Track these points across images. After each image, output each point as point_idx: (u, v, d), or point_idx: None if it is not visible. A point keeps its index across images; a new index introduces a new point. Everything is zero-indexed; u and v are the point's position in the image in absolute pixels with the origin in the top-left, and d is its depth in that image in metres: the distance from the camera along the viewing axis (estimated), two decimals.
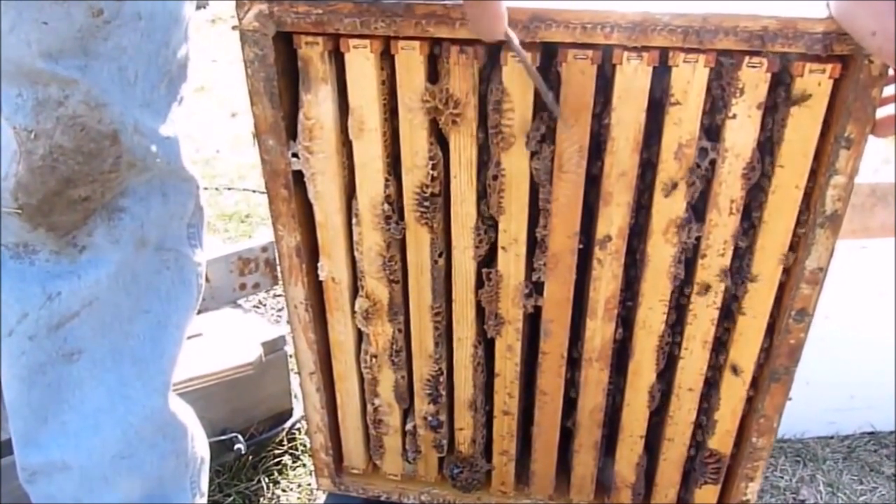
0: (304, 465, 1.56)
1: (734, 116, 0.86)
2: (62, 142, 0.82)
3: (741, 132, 0.87)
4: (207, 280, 1.54)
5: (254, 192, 2.70)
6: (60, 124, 0.82)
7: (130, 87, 0.86)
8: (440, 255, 1.02)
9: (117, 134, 0.85)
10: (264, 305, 2.11)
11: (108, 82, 0.83)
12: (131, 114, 0.86)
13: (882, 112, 0.85)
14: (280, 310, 2.08)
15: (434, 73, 0.91)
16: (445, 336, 1.10)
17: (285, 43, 0.91)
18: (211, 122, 3.39)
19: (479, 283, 1.03)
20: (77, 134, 0.83)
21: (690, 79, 0.85)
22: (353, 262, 1.05)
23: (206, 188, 2.78)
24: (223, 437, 1.47)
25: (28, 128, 0.82)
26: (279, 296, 2.11)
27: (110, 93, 0.83)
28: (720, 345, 1.05)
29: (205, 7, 5.52)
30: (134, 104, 0.86)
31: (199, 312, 1.51)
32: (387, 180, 0.98)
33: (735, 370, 1.04)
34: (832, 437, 1.68)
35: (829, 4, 0.80)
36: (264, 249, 1.66)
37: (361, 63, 0.90)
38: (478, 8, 0.72)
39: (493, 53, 0.89)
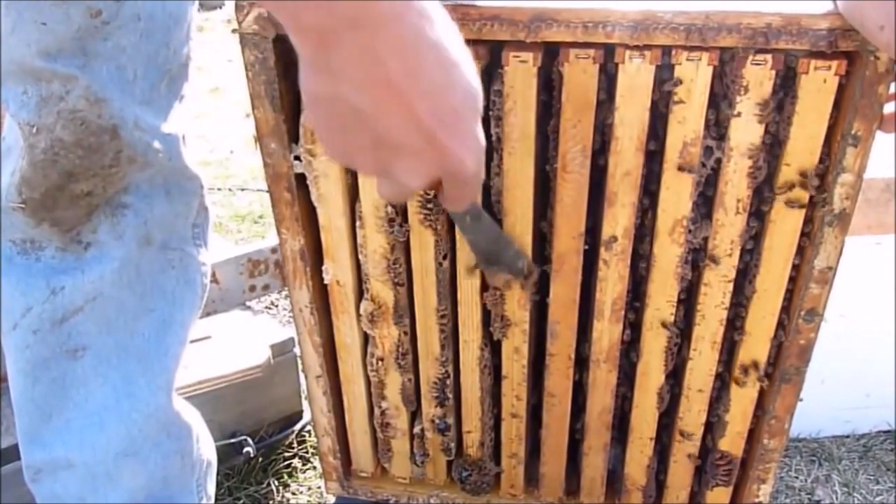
0: (315, 468, 1.56)
1: (739, 115, 0.85)
2: (63, 136, 0.84)
3: (746, 130, 0.86)
4: (217, 282, 1.55)
5: (267, 192, 2.70)
6: (61, 118, 0.83)
7: (130, 86, 0.87)
8: (444, 258, 1.02)
9: (117, 129, 0.86)
10: (276, 307, 2.11)
11: (107, 80, 0.84)
12: (131, 110, 0.86)
13: (889, 108, 0.83)
14: (290, 311, 2.08)
15: None
16: (452, 338, 1.09)
17: (286, 45, 0.90)
18: (225, 123, 3.40)
19: (485, 285, 1.03)
20: (77, 128, 0.84)
21: (694, 77, 0.84)
22: (358, 265, 1.05)
23: (219, 189, 2.78)
24: (233, 440, 1.47)
25: (31, 122, 0.84)
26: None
27: (109, 90, 0.84)
28: (729, 345, 1.04)
29: (220, 7, 5.53)
30: (133, 102, 0.87)
31: (209, 315, 1.51)
32: None
33: (745, 371, 1.03)
34: (848, 437, 1.66)
35: (836, 0, 0.78)
36: (274, 251, 1.66)
37: None
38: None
39: (494, 53, 0.88)
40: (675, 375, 1.07)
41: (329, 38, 0.56)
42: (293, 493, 1.51)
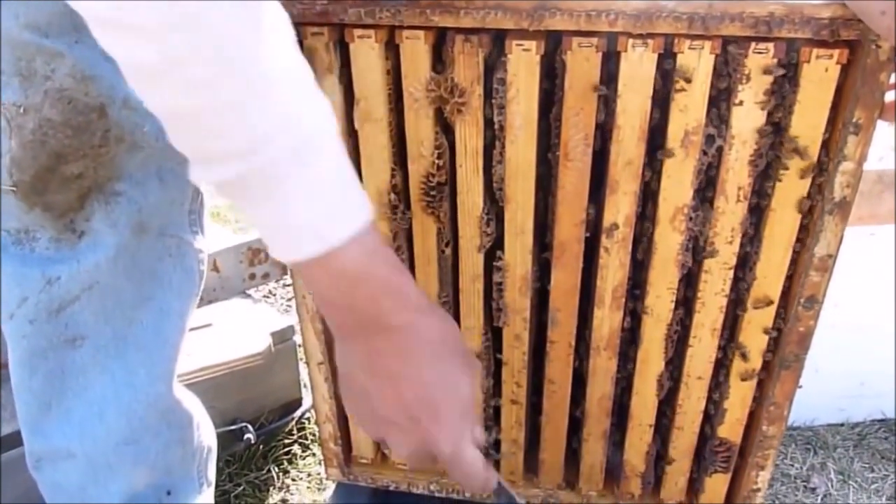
0: (314, 455, 1.57)
1: (741, 103, 0.86)
2: (50, 115, 0.83)
3: (748, 119, 0.87)
4: (217, 270, 1.55)
5: None
6: (48, 97, 0.83)
7: None
8: (447, 245, 1.02)
9: (104, 107, 0.86)
10: (274, 295, 2.12)
11: (99, 57, 0.83)
12: (121, 88, 0.86)
13: (890, 97, 0.84)
14: (290, 299, 2.08)
15: (439, 62, 0.91)
16: None
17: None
18: None
19: (487, 274, 1.03)
20: (65, 107, 0.83)
21: (696, 65, 0.84)
22: None
23: None
24: (233, 427, 1.47)
25: (17, 103, 0.83)
26: (289, 285, 2.11)
27: (100, 67, 0.84)
28: (729, 333, 1.05)
29: None
30: (125, 79, 0.87)
31: (210, 303, 1.52)
32: (393, 170, 0.97)
33: (744, 358, 1.04)
34: (842, 425, 1.67)
35: None
36: None
37: (366, 53, 0.89)
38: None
39: (498, 42, 0.89)
40: (675, 362, 1.08)
41: (345, 332, 0.72)
42: (293, 480, 1.52)
